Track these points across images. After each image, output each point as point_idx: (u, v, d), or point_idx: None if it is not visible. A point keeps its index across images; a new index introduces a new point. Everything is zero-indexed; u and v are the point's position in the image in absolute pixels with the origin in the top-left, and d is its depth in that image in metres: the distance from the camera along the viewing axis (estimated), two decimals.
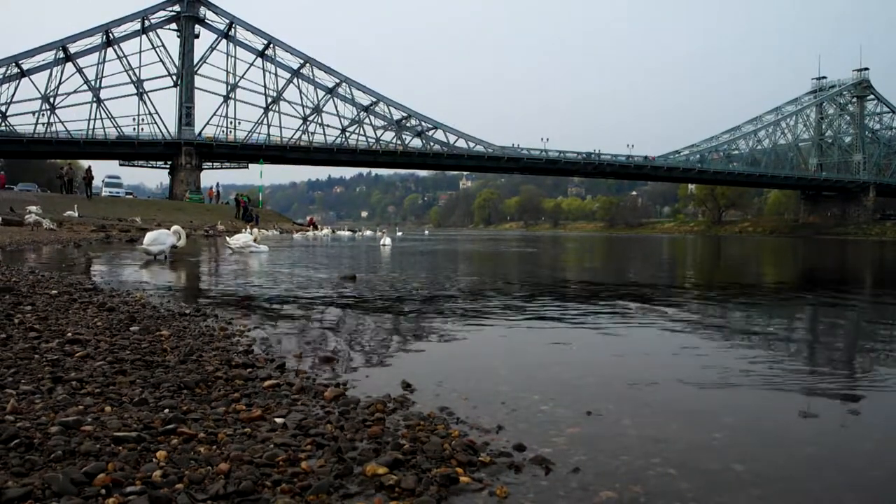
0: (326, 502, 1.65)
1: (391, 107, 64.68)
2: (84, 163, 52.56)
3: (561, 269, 12.86)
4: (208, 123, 61.01)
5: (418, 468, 1.87)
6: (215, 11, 60.55)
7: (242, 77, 62.01)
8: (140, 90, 58.99)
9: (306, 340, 4.02)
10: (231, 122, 61.37)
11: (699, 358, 3.81)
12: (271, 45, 62.03)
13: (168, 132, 59.26)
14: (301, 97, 63.22)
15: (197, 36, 60.89)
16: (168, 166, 61.27)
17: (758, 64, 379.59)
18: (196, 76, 60.50)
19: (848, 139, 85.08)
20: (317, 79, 63.74)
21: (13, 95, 55.45)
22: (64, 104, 56.78)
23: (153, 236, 10.93)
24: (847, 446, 2.31)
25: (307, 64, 63.11)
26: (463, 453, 1.99)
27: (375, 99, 64.31)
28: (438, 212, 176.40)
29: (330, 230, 40.77)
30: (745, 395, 2.92)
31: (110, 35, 57.78)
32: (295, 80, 63.24)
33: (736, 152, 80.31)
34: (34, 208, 23.02)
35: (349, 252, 17.84)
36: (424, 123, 65.35)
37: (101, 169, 73.40)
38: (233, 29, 61.08)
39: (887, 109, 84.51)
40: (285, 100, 62.94)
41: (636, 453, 2.10)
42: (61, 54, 56.28)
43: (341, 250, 18.80)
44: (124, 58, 58.54)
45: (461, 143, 65.66)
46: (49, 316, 4.09)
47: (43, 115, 55.77)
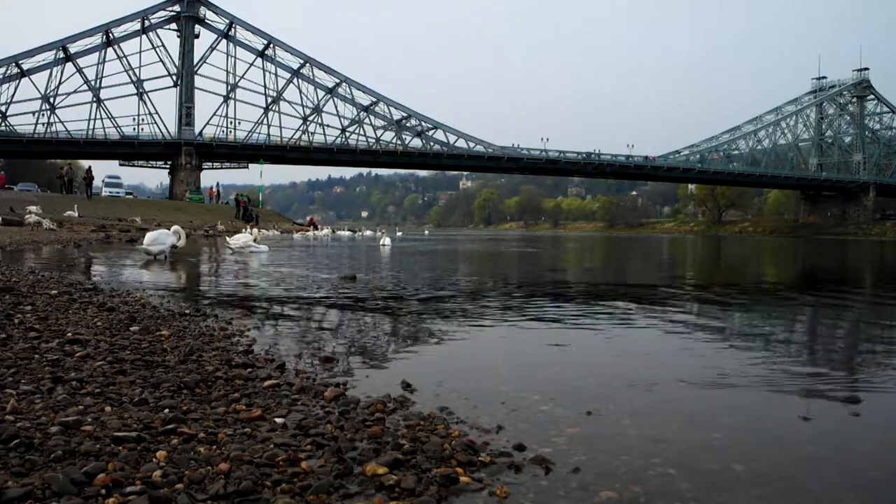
0: (326, 502, 1.65)
1: (391, 107, 64.73)
2: (84, 163, 52.63)
3: (561, 270, 12.86)
4: (208, 123, 61.18)
5: (418, 468, 1.87)
6: (215, 11, 60.60)
7: (242, 77, 62.17)
8: (140, 90, 59.05)
9: (306, 340, 4.01)
10: (231, 122, 61.52)
11: (699, 358, 3.81)
12: (271, 45, 62.06)
13: (168, 132, 59.33)
14: (301, 97, 63.38)
15: (197, 36, 60.93)
16: (168, 166, 61.31)
17: (758, 64, 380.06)
18: (196, 76, 60.59)
19: (848, 139, 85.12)
20: (317, 79, 63.83)
21: (13, 95, 55.63)
22: (64, 104, 56.95)
23: (153, 236, 10.93)
24: (847, 446, 2.31)
25: (307, 64, 63.14)
26: (463, 453, 1.99)
27: (375, 99, 64.35)
28: (438, 212, 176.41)
29: (330, 230, 40.76)
30: (745, 396, 2.92)
31: (110, 35, 57.82)
32: (295, 80, 63.31)
33: (736, 152, 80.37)
34: (34, 208, 23.03)
35: (349, 252, 17.83)
36: (424, 123, 65.37)
37: (101, 169, 73.38)
38: (233, 29, 61.11)
39: (887, 109, 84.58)
40: (285, 100, 63.03)
41: (636, 453, 2.10)
42: (61, 54, 56.32)
43: (341, 250, 18.80)
44: (124, 58, 58.67)
45: (461, 143, 65.71)
46: (49, 316, 4.09)
47: (43, 115, 55.89)
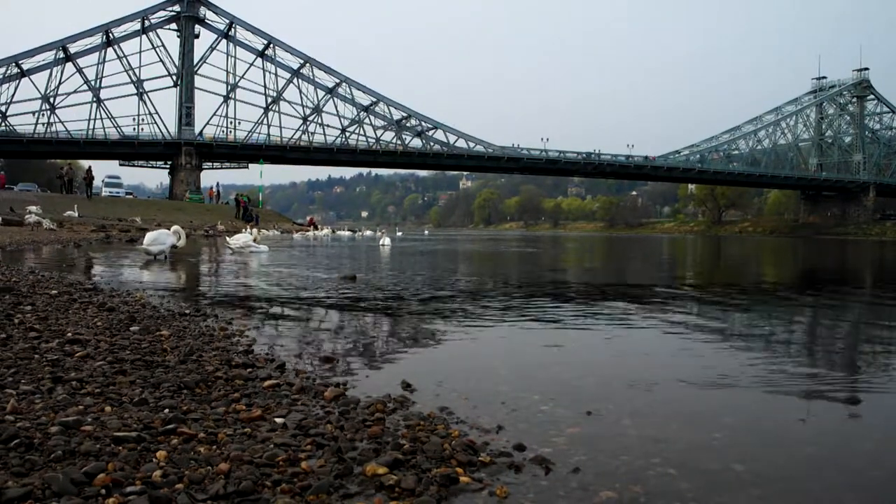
0: (326, 502, 1.65)
1: (391, 107, 64.72)
2: (84, 163, 52.61)
3: (561, 270, 12.86)
4: (208, 123, 61.17)
5: (418, 468, 1.87)
6: (215, 11, 60.59)
7: (242, 77, 62.15)
8: (140, 90, 59.04)
9: (306, 340, 4.01)
10: (231, 122, 61.51)
11: (699, 358, 3.81)
12: (271, 45, 62.05)
13: (168, 132, 59.32)
14: (301, 97, 63.37)
15: (197, 36, 60.92)
16: (168, 166, 61.31)
17: (758, 64, 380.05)
18: (196, 76, 60.58)
19: (848, 139, 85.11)
20: (317, 79, 63.82)
21: (13, 95, 55.60)
22: (64, 104, 56.93)
23: (153, 236, 10.93)
24: (847, 446, 2.31)
25: (307, 64, 63.13)
26: (463, 453, 1.99)
27: (375, 99, 64.34)
28: (438, 212, 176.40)
29: (330, 230, 40.78)
30: (745, 396, 2.92)
31: (110, 35, 57.81)
32: (295, 80, 63.31)
33: (736, 152, 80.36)
34: (34, 208, 23.03)
35: (349, 252, 17.83)
36: (424, 123, 65.36)
37: (101, 169, 73.35)
38: (233, 29, 61.10)
39: (887, 109, 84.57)
40: (285, 100, 63.02)
41: (636, 453, 2.10)
42: (61, 54, 56.32)
43: (341, 250, 18.80)
44: (124, 58, 58.66)
45: (461, 143, 65.70)
46: (49, 316, 4.09)
47: (43, 115, 55.88)
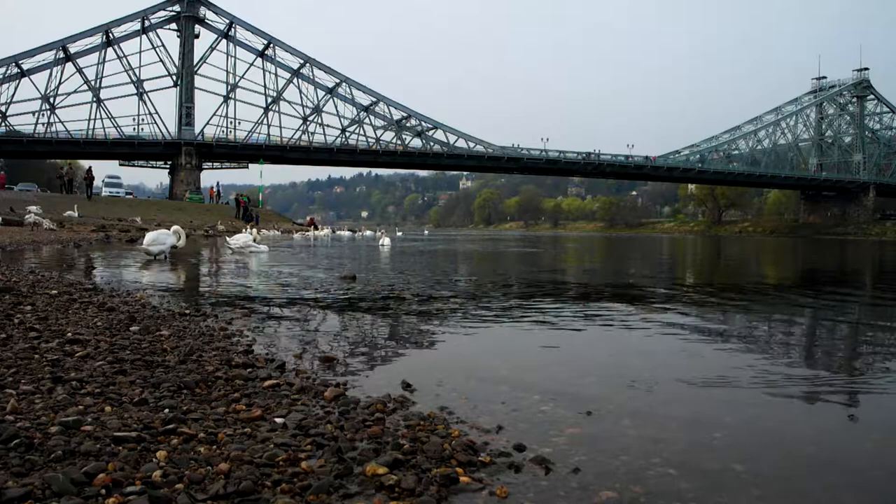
0: (326, 502, 1.65)
1: (391, 107, 64.75)
2: (84, 163, 52.64)
3: (561, 270, 12.86)
4: (208, 123, 61.21)
5: (418, 468, 1.87)
6: (215, 11, 60.62)
7: (242, 77, 62.20)
8: (140, 90, 59.07)
9: (306, 340, 4.01)
10: (231, 122, 61.53)
11: (699, 358, 3.81)
12: (271, 45, 62.07)
13: (168, 132, 59.35)
14: (301, 97, 63.41)
15: (197, 36, 60.94)
16: (168, 166, 61.34)
17: (758, 64, 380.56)
18: (196, 76, 60.62)
19: (848, 139, 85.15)
20: (317, 79, 63.84)
21: (13, 95, 55.65)
22: (64, 104, 56.96)
23: (153, 236, 10.94)
24: (847, 446, 2.31)
25: (307, 64, 63.14)
26: (463, 453, 1.99)
27: (375, 99, 64.36)
28: (438, 212, 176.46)
29: (330, 230, 40.80)
30: (745, 395, 2.92)
31: (110, 35, 57.83)
32: (295, 80, 63.33)
33: (736, 152, 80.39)
34: (34, 208, 23.02)
35: (349, 252, 17.83)
36: (424, 123, 65.37)
37: (101, 169, 73.23)
38: (233, 29, 61.12)
39: (887, 109, 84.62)
40: (285, 100, 63.04)
41: (636, 453, 2.10)
42: (61, 54, 56.33)
43: (341, 250, 18.80)
44: (124, 58, 58.70)
45: (461, 143, 65.71)
46: (49, 316, 4.09)
47: (43, 115, 55.90)
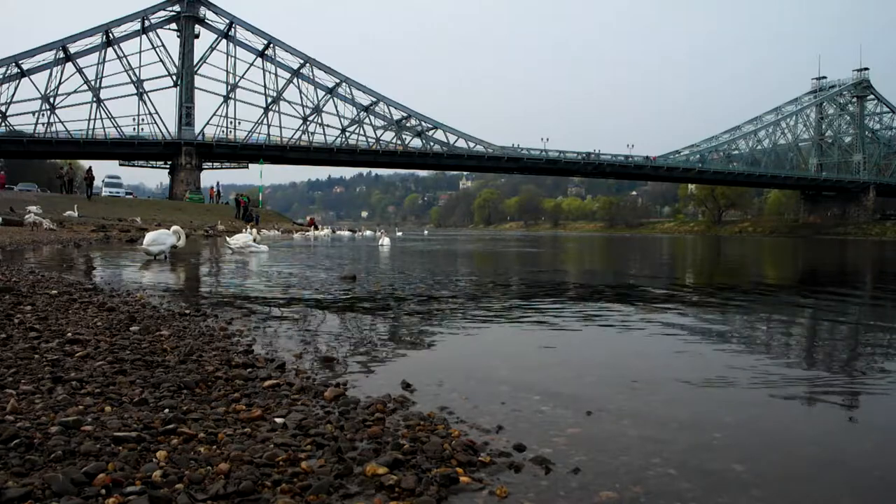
0: (326, 502, 1.65)
1: (391, 107, 64.73)
2: (84, 163, 52.63)
3: (561, 270, 12.86)
4: (208, 123, 61.18)
5: (418, 468, 1.87)
6: (215, 11, 60.59)
7: (242, 77, 62.16)
8: (140, 90, 59.05)
9: (306, 340, 4.01)
10: (231, 122, 61.50)
11: (699, 358, 3.81)
12: (271, 45, 62.05)
13: (168, 132, 59.33)
14: (301, 97, 63.38)
15: (197, 36, 60.93)
16: (168, 166, 61.32)
17: (758, 64, 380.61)
18: (196, 76, 60.59)
19: (848, 139, 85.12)
20: (317, 79, 63.82)
21: (13, 95, 55.61)
22: (64, 104, 56.92)
23: (153, 236, 10.94)
24: (847, 446, 2.31)
25: (307, 64, 63.13)
26: (463, 453, 1.99)
27: (375, 99, 64.35)
28: (438, 212, 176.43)
29: (330, 230, 40.81)
30: (745, 395, 2.92)
31: (110, 35, 57.81)
32: (295, 80, 63.30)
33: (736, 152, 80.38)
34: (34, 208, 23.02)
35: (349, 252, 17.83)
36: (424, 123, 65.36)
37: (101, 169, 73.23)
38: (233, 29, 61.10)
39: (887, 109, 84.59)
40: (285, 100, 63.02)
41: (636, 453, 2.10)
42: (61, 54, 56.31)
43: (341, 251, 18.80)
44: (124, 58, 58.66)
45: (461, 143, 65.70)
46: (49, 316, 4.09)
47: (43, 115, 55.87)
